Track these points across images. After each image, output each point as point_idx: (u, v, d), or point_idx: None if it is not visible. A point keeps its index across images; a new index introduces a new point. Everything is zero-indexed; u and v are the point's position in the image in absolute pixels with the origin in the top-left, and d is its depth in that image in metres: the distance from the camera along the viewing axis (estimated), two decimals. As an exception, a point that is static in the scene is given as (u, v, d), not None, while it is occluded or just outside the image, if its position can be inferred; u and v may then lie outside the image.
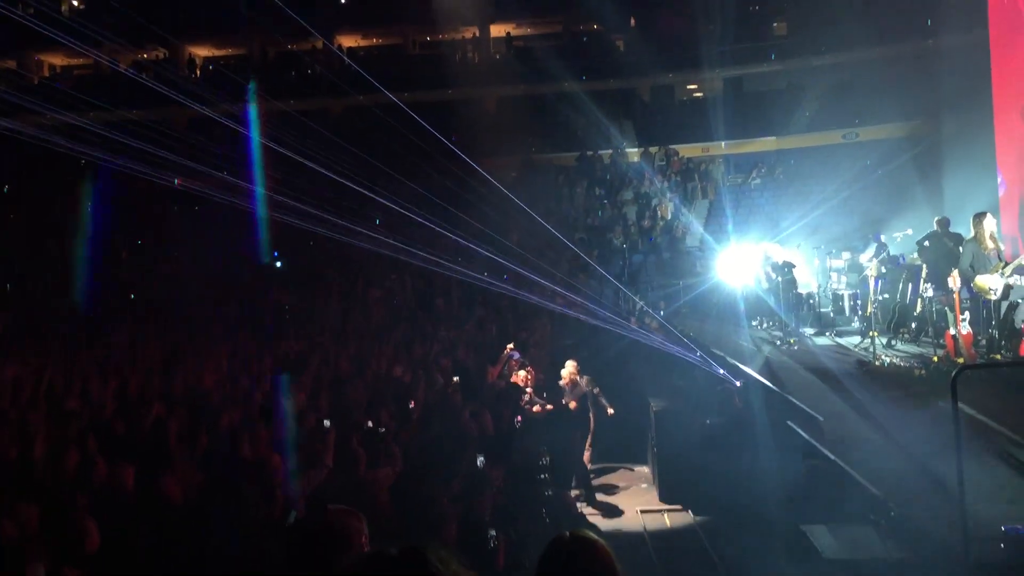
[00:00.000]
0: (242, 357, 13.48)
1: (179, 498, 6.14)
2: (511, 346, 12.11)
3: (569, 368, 11.65)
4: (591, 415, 11.48)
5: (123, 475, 6.38)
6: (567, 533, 2.57)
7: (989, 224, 10.80)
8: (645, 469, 12.22)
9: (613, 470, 12.44)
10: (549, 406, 11.03)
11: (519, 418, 9.56)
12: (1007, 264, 10.50)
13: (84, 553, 5.24)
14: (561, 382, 11.63)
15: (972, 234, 11.01)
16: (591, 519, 10.05)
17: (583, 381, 11.55)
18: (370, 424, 8.77)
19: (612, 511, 10.78)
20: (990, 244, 10.69)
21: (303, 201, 16.36)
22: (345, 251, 19.78)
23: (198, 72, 33.18)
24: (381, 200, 17.03)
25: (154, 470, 6.47)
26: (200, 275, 21.25)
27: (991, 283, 10.52)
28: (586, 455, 11.44)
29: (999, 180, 14.07)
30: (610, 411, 11.54)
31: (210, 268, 21.76)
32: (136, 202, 24.33)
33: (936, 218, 13.43)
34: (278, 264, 10.49)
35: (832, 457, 7.64)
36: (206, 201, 19.41)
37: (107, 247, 23.20)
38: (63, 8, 30.66)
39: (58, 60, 35.09)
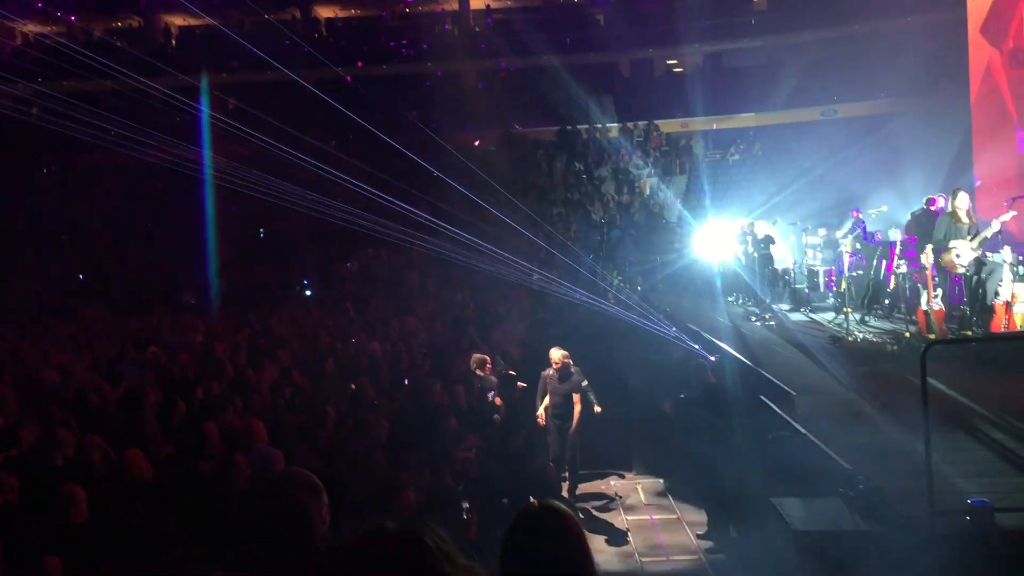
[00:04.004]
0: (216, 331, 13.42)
1: (148, 472, 6.12)
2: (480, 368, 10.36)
3: (556, 353, 10.13)
4: (577, 411, 9.94)
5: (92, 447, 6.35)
6: (535, 502, 2.57)
7: (964, 200, 10.85)
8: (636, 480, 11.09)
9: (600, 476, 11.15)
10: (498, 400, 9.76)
11: (492, 393, 9.56)
12: (976, 236, 10.56)
13: (70, 523, 5.20)
14: (550, 370, 10.13)
15: (948, 208, 11.08)
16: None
17: (575, 372, 10.11)
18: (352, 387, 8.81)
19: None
20: (964, 219, 10.75)
21: (281, 176, 16.23)
22: (322, 225, 19.68)
23: (174, 42, 32.70)
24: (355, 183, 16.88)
25: (126, 442, 6.44)
26: (178, 251, 21.13)
27: (962, 254, 10.56)
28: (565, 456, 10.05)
29: (974, 179, 14.21)
30: (597, 409, 10.17)
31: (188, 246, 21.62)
32: (111, 178, 24.06)
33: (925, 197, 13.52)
34: (308, 292, 10.30)
35: (803, 431, 7.72)
36: (180, 175, 19.20)
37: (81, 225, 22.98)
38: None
39: (31, 28, 34.43)
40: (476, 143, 25.86)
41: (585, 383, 10.12)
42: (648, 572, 8.11)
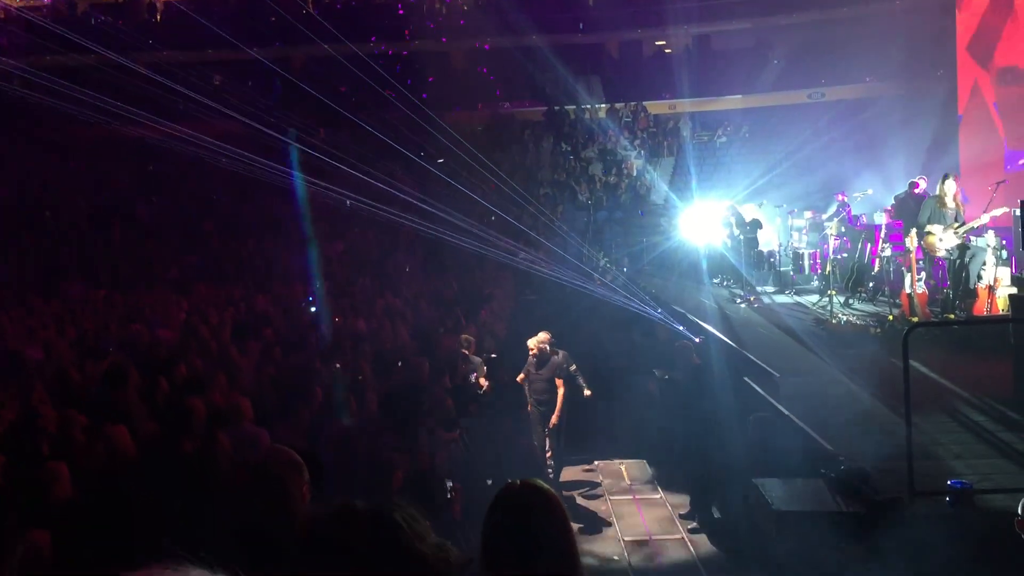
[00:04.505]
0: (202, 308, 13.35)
1: (132, 449, 6.08)
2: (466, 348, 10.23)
3: (539, 337, 9.93)
4: (560, 396, 9.68)
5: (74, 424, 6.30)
6: (517, 482, 2.57)
7: (951, 186, 10.90)
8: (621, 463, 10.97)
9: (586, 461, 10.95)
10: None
11: (475, 375, 9.55)
12: (963, 225, 10.64)
13: (53, 500, 5.16)
14: (530, 353, 9.92)
15: (936, 192, 11.12)
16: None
17: (559, 356, 9.86)
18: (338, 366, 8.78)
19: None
20: (950, 204, 10.80)
21: (267, 153, 16.13)
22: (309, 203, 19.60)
23: (159, 17, 32.32)
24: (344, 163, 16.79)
25: (108, 419, 6.40)
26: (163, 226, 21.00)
27: (944, 240, 10.64)
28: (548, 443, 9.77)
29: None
30: (587, 392, 9.92)
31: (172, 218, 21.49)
32: (92, 153, 23.84)
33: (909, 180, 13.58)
34: (312, 309, 10.28)
35: (786, 412, 7.75)
36: (166, 150, 19.06)
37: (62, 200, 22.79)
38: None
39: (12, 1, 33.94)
40: (479, 128, 25.62)
41: (573, 367, 9.89)
42: (631, 553, 8.14)
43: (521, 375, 9.96)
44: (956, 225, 10.63)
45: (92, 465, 5.86)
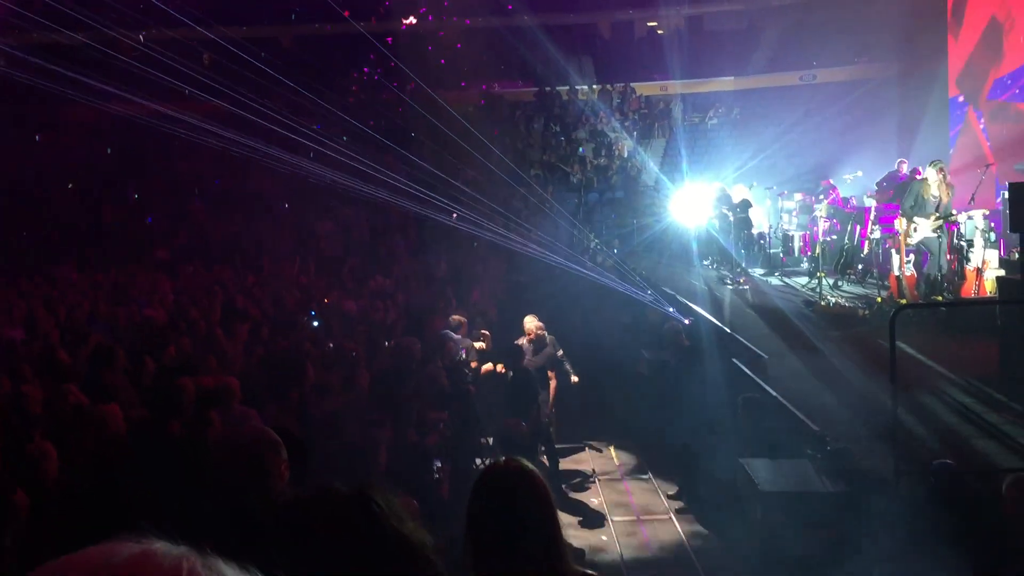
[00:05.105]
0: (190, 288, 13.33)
1: (121, 428, 6.08)
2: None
3: (532, 322, 9.74)
4: (552, 387, 9.59)
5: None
6: (501, 460, 2.58)
7: (933, 175, 10.90)
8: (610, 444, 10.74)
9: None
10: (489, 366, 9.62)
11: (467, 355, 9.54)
12: (946, 216, 10.66)
13: (42, 478, 5.17)
14: (523, 339, 9.70)
15: (923, 176, 11.14)
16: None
17: (549, 341, 9.73)
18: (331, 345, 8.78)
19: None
20: (934, 191, 10.80)
21: (255, 133, 16.05)
22: (299, 183, 19.52)
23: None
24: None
25: (96, 400, 6.39)
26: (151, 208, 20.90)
27: (920, 229, 10.72)
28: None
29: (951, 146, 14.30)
30: (574, 379, 9.82)
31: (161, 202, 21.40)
32: (81, 132, 23.66)
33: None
34: (315, 323, 10.24)
35: (774, 393, 7.80)
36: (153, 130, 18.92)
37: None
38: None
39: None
40: (470, 109, 25.41)
41: (560, 352, 9.73)
42: (618, 534, 8.18)
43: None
44: (935, 216, 10.66)
45: (82, 445, 5.86)
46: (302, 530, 1.84)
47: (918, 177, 12.88)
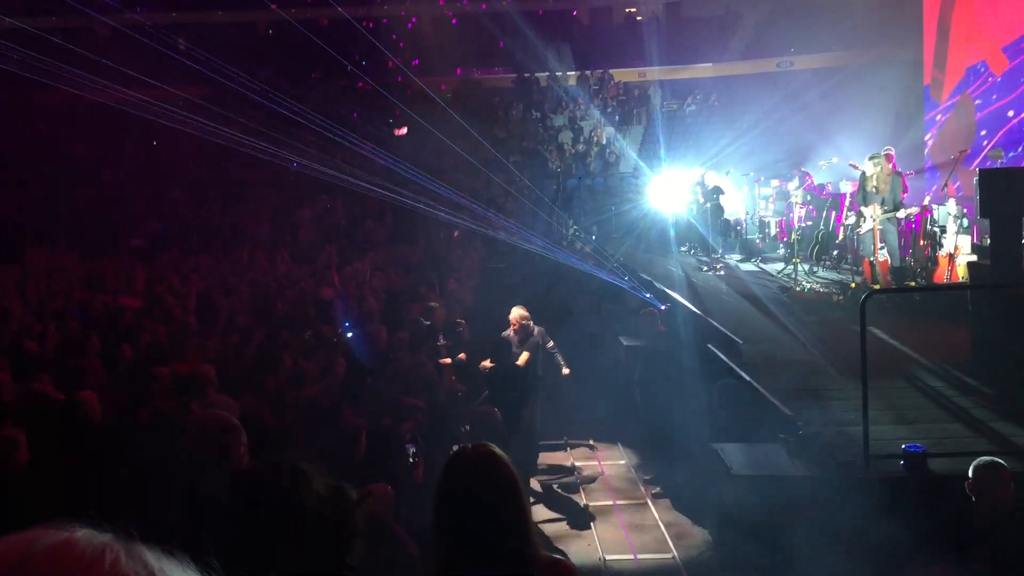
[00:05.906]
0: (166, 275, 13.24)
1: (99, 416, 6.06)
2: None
3: (516, 312, 9.27)
4: (540, 374, 9.26)
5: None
6: (469, 446, 2.60)
7: (870, 168, 11.05)
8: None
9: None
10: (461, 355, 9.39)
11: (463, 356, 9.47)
12: (894, 208, 10.82)
13: (13, 466, 5.14)
14: (509, 330, 9.17)
15: (861, 169, 11.37)
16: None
17: (536, 332, 9.26)
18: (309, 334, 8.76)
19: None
20: (874, 183, 10.96)
21: (231, 119, 15.92)
22: (276, 170, 19.41)
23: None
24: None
25: (69, 388, 6.37)
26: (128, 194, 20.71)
27: (867, 221, 10.88)
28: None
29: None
30: (565, 371, 9.44)
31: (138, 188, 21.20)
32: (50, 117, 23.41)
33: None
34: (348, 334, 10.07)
35: (748, 378, 7.86)
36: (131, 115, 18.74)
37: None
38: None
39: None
40: (448, 96, 25.31)
41: (551, 344, 9.41)
42: (595, 520, 8.24)
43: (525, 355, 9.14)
44: (884, 208, 10.79)
45: (55, 433, 5.83)
46: (231, 502, 2.04)
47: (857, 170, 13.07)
